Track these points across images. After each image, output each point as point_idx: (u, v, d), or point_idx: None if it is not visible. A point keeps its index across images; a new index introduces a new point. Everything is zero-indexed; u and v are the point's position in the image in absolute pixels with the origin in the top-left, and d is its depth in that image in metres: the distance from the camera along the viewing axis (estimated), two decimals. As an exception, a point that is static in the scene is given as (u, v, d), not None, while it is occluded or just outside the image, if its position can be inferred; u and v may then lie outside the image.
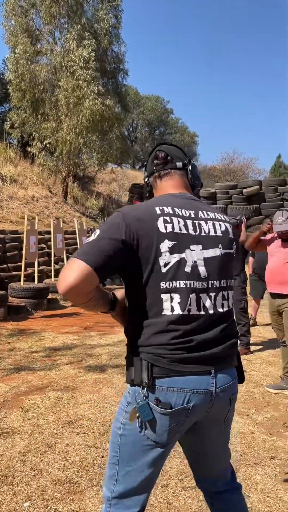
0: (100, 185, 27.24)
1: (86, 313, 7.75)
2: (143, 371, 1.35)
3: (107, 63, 19.26)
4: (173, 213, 1.43)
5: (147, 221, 1.38)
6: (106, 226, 1.38)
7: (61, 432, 3.07)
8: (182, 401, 1.36)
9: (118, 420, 1.45)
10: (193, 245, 1.42)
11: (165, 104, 37.05)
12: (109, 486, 1.47)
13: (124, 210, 1.43)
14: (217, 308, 1.44)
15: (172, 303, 1.37)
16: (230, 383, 1.46)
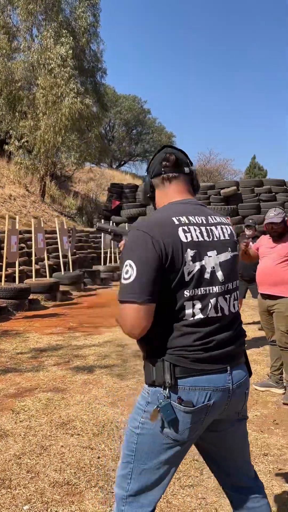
0: (78, 184, 27.05)
1: (69, 313, 7.72)
2: (166, 372, 1.39)
3: (85, 62, 19.17)
4: (188, 222, 1.46)
5: (170, 233, 1.41)
6: (137, 254, 1.38)
7: (55, 433, 3.05)
8: (204, 399, 1.41)
9: (136, 420, 1.47)
10: (210, 251, 1.47)
11: (142, 104, 37.10)
12: (122, 485, 1.49)
13: (145, 228, 1.42)
14: (230, 309, 1.50)
15: (193, 310, 1.42)
16: (244, 378, 1.53)
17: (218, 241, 1.50)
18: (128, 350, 5.23)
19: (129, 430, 1.50)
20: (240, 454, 1.63)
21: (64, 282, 9.86)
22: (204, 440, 1.57)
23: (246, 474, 1.65)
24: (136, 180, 30.37)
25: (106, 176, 28.46)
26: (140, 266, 1.37)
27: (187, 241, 1.42)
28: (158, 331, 1.42)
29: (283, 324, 3.81)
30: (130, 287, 1.36)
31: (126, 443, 1.50)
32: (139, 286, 1.35)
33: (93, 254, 14.21)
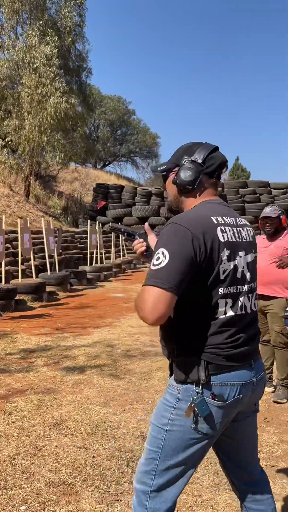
0: (62, 184, 26.92)
1: (56, 314, 7.68)
2: (201, 370, 1.44)
3: (70, 61, 19.11)
4: (224, 222, 1.50)
5: (210, 232, 1.43)
6: (174, 245, 1.38)
7: (48, 434, 3.04)
8: (234, 393, 1.47)
9: (165, 417, 1.50)
10: (240, 251, 1.52)
11: (127, 105, 37.12)
12: (145, 480, 1.52)
13: (184, 223, 1.42)
14: (252, 308, 1.57)
15: (225, 307, 1.47)
16: (263, 372, 1.61)
17: (246, 242, 1.56)
18: (118, 350, 5.23)
19: (155, 427, 1.53)
20: (252, 445, 1.69)
21: (51, 282, 9.79)
22: (221, 433, 1.61)
23: (255, 467, 1.70)
24: (121, 181, 30.36)
25: (90, 176, 28.41)
26: (173, 256, 1.36)
27: (224, 241, 1.46)
28: (192, 329, 1.46)
29: (278, 325, 3.86)
30: (158, 273, 1.36)
31: (151, 439, 1.53)
32: (167, 273, 1.35)
33: (79, 255, 14.15)
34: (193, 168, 1.54)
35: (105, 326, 6.68)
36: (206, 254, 1.40)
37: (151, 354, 5.12)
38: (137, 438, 3.02)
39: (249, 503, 1.69)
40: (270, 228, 3.88)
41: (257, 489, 1.68)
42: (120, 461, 2.72)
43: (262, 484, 1.70)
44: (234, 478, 1.71)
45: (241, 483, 1.69)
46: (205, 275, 1.42)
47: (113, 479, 2.53)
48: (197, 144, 1.61)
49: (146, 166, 38.70)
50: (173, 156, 1.64)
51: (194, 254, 1.38)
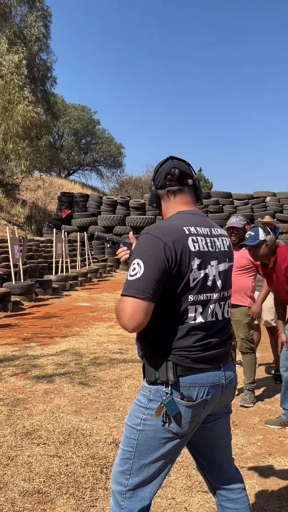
0: (25, 193, 26.52)
1: (22, 324, 7.56)
2: (169, 371, 1.50)
3: (36, 70, 19.03)
4: (196, 233, 1.57)
5: (181, 241, 1.51)
6: (147, 254, 1.47)
7: (20, 444, 3.02)
8: (202, 394, 1.54)
9: (137, 417, 1.55)
10: (212, 261, 1.59)
11: (91, 115, 37.16)
12: (121, 480, 1.56)
13: (157, 234, 1.51)
14: (224, 315, 1.65)
15: (195, 313, 1.54)
16: (234, 374, 1.68)
17: (219, 252, 1.63)
18: (87, 359, 5.23)
19: (128, 427, 1.58)
20: (226, 445, 1.76)
21: (15, 292, 9.64)
22: (195, 434, 1.67)
23: (230, 466, 1.78)
24: (86, 190, 30.28)
25: (55, 185, 28.13)
26: (148, 266, 1.46)
27: (195, 250, 1.53)
28: (162, 332, 1.53)
29: (242, 332, 3.99)
30: (135, 283, 1.45)
31: (125, 440, 1.58)
32: (143, 283, 1.44)
33: (44, 264, 13.99)
34: (151, 189, 1.73)
35: (72, 335, 6.65)
36: (176, 262, 1.48)
37: (120, 361, 5.15)
38: (110, 445, 3.04)
39: (224, 502, 1.76)
40: (235, 238, 4.02)
41: (232, 487, 1.75)
42: (94, 468, 2.74)
43: (237, 482, 1.77)
44: (210, 478, 1.78)
45: (217, 482, 1.76)
46: (175, 282, 1.50)
47: (88, 486, 2.54)
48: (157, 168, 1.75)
49: (110, 175, 38.82)
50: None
51: (167, 262, 1.47)
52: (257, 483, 2.68)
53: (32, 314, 8.63)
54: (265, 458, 3.00)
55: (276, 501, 2.50)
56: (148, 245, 1.49)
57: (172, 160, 1.70)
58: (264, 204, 21.27)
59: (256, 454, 3.05)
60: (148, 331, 1.54)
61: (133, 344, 6.12)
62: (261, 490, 2.61)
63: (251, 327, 4.04)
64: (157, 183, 1.70)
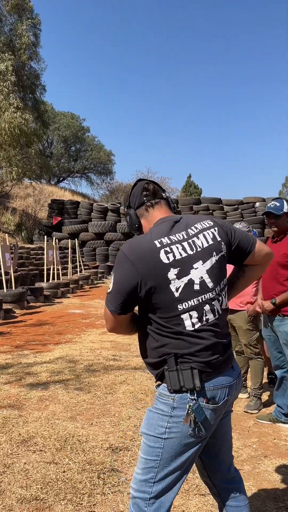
0: (15, 200, 26.44)
1: (14, 332, 7.53)
2: (195, 378, 1.53)
3: (25, 78, 19.07)
4: (170, 242, 1.59)
5: (150, 257, 1.55)
6: (117, 272, 1.59)
7: (16, 451, 3.00)
8: (224, 395, 1.61)
9: (161, 426, 1.56)
10: (195, 263, 1.60)
11: (81, 122, 37.25)
12: (144, 489, 1.58)
13: (126, 251, 1.58)
14: (222, 307, 1.66)
15: (192, 320, 1.57)
16: (240, 371, 1.73)
17: (202, 250, 1.62)
18: (81, 365, 5.22)
19: (150, 437, 1.58)
20: (230, 443, 1.81)
21: (7, 300, 9.60)
22: None
23: (232, 464, 1.82)
24: (76, 197, 30.29)
25: (45, 192, 28.08)
26: (116, 284, 1.59)
27: (169, 262, 1.55)
28: (171, 341, 1.56)
29: (244, 338, 4.02)
30: (108, 297, 1.63)
31: (148, 449, 1.59)
32: (113, 299, 1.61)
33: (35, 271, 13.94)
34: (129, 212, 1.78)
35: (65, 343, 6.63)
36: (147, 279, 1.53)
37: (114, 368, 5.16)
38: (106, 451, 3.05)
39: (228, 501, 1.79)
40: None
41: (234, 486, 1.79)
42: (91, 473, 2.74)
43: (238, 481, 1.82)
44: (213, 477, 1.80)
45: (221, 481, 1.79)
46: (155, 297, 1.55)
47: (85, 492, 2.54)
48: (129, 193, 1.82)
49: (100, 182, 38.89)
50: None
51: (134, 282, 1.54)
52: (254, 485, 2.70)
53: (24, 321, 8.59)
54: (260, 460, 3.02)
55: (272, 503, 2.52)
56: (118, 263, 1.61)
57: (142, 181, 1.79)
58: (253, 210, 21.43)
59: (252, 457, 3.07)
60: (159, 340, 1.58)
61: (126, 350, 6.13)
62: (258, 492, 2.63)
63: (252, 331, 4.03)
64: (134, 204, 1.76)
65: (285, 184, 40.59)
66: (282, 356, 3.51)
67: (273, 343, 3.55)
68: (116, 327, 1.68)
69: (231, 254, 1.73)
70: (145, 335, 1.65)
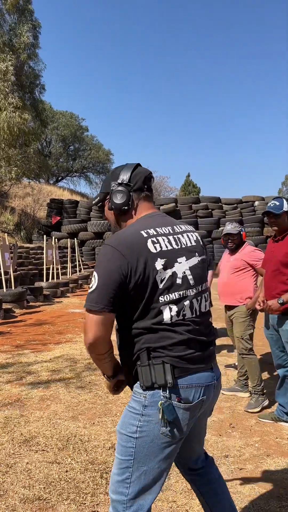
0: (14, 200, 26.39)
1: (14, 331, 7.52)
2: (167, 374, 1.48)
3: (24, 77, 19.03)
4: (157, 233, 1.57)
5: (138, 246, 1.51)
6: (102, 266, 1.49)
7: (18, 451, 3.00)
8: (199, 395, 1.54)
9: (133, 425, 1.52)
10: (179, 257, 1.58)
11: (80, 121, 37.19)
12: (121, 490, 1.54)
13: (113, 243, 1.52)
14: (201, 310, 1.62)
15: (171, 313, 1.52)
16: (220, 374, 1.70)
17: (186, 247, 1.62)
18: (81, 364, 5.21)
19: (123, 436, 1.54)
20: (196, 439, 1.76)
21: (7, 299, 9.58)
22: None
23: (201, 457, 1.83)
24: (75, 196, 30.24)
25: (43, 192, 28.04)
26: (103, 278, 1.48)
27: (157, 251, 1.53)
28: (144, 336, 1.52)
29: (238, 330, 4.01)
30: (91, 296, 1.49)
31: (121, 449, 1.55)
32: (100, 295, 1.47)
33: (35, 271, 13.92)
34: (122, 190, 1.65)
35: (66, 342, 6.62)
36: (136, 269, 1.48)
37: (115, 367, 5.14)
38: (109, 450, 3.04)
39: (201, 487, 1.81)
40: (232, 244, 4.10)
41: (207, 470, 1.81)
42: (94, 473, 2.73)
43: (209, 465, 1.83)
44: (188, 468, 1.82)
45: (188, 472, 1.82)
46: (141, 287, 1.49)
47: (88, 491, 2.54)
48: (119, 167, 1.73)
49: (99, 181, 38.82)
50: (102, 186, 1.75)
51: (123, 271, 1.47)
52: (257, 484, 2.69)
53: (24, 321, 8.58)
54: (263, 459, 3.02)
55: (276, 501, 2.52)
56: (105, 256, 1.51)
57: (141, 166, 1.72)
58: (253, 208, 21.43)
59: (254, 456, 3.07)
60: (134, 336, 1.54)
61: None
62: (261, 491, 2.62)
63: (248, 326, 4.03)
64: (134, 185, 1.66)
65: (284, 183, 40.61)
66: (284, 355, 3.51)
67: (275, 342, 3.54)
68: (103, 333, 1.48)
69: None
70: (122, 336, 1.60)
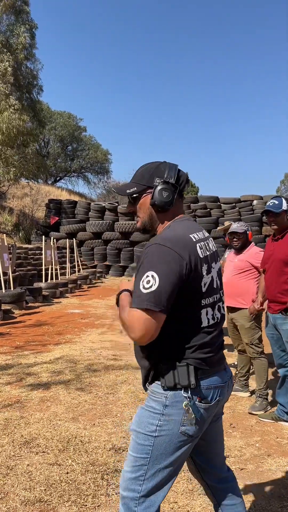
0: (12, 200, 26.36)
1: (13, 332, 7.50)
2: (191, 375, 1.52)
3: (22, 78, 19.01)
4: (199, 239, 1.60)
5: (192, 250, 1.53)
6: (161, 267, 1.45)
7: (19, 453, 2.99)
8: (216, 395, 1.60)
9: (152, 424, 1.55)
10: (212, 263, 1.64)
11: (78, 121, 37.15)
12: (133, 487, 1.56)
13: (169, 244, 1.49)
14: (222, 312, 1.70)
15: (208, 316, 1.58)
16: (231, 373, 1.74)
17: (213, 253, 1.67)
18: (81, 365, 5.21)
19: (140, 435, 1.57)
20: (221, 445, 1.82)
21: (6, 300, 9.56)
22: None
23: (224, 464, 1.83)
24: (73, 196, 30.20)
25: (42, 192, 28.01)
26: (163, 279, 1.44)
27: (203, 257, 1.57)
28: (180, 338, 1.55)
29: (246, 337, 3.99)
30: (150, 296, 1.43)
31: (137, 447, 1.57)
32: (159, 296, 1.44)
33: (33, 271, 13.90)
34: (169, 189, 1.60)
35: (65, 343, 6.61)
36: (191, 271, 1.50)
37: (115, 367, 5.14)
38: (109, 451, 3.04)
39: (223, 500, 1.80)
40: (237, 243, 4.07)
41: (227, 485, 1.80)
42: (95, 474, 2.73)
43: (230, 480, 1.83)
44: (207, 478, 1.80)
45: (215, 481, 1.79)
46: (192, 290, 1.53)
47: (89, 493, 2.53)
48: (162, 164, 1.67)
49: (97, 181, 38.82)
50: (140, 177, 1.67)
51: (182, 274, 1.48)
52: (258, 484, 2.69)
53: (23, 322, 8.57)
54: (264, 459, 3.02)
55: (277, 502, 2.52)
56: (161, 257, 1.47)
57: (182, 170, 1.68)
58: (251, 208, 21.42)
59: (255, 456, 3.07)
60: (164, 337, 1.54)
61: (127, 350, 6.11)
62: (262, 491, 2.62)
63: (255, 330, 4.01)
64: (179, 186, 1.63)
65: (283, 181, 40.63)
66: (285, 354, 3.51)
67: (276, 341, 3.54)
68: (153, 333, 1.44)
69: None
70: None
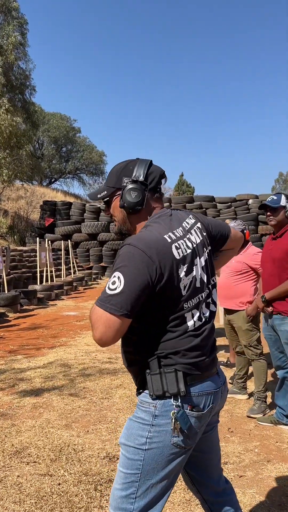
0: (7, 202, 26.23)
1: (7, 336, 7.38)
2: (180, 382, 1.41)
3: (14, 78, 18.87)
4: (176, 238, 1.47)
5: (166, 254, 1.41)
6: (129, 269, 1.36)
7: (9, 463, 2.88)
8: (209, 402, 1.48)
9: (142, 436, 1.43)
10: (195, 259, 1.50)
11: (72, 123, 37.03)
12: (125, 506, 1.44)
13: (140, 245, 1.39)
14: (211, 309, 1.56)
15: (193, 319, 1.47)
16: (225, 378, 1.63)
17: (197, 246, 1.52)
18: (75, 370, 5.10)
19: (130, 448, 1.44)
20: (217, 456, 1.70)
21: (0, 303, 9.44)
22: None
23: (221, 477, 1.72)
24: (68, 197, 30.10)
25: (36, 194, 27.88)
26: (129, 282, 1.35)
27: (180, 257, 1.44)
28: (166, 343, 1.44)
29: (244, 338, 3.90)
30: (113, 299, 1.35)
31: (127, 462, 1.45)
32: (122, 299, 1.35)
33: (28, 274, 13.76)
34: (138, 188, 1.51)
35: (60, 346, 6.50)
36: (163, 275, 1.38)
37: (110, 371, 5.03)
38: (103, 460, 2.93)
39: None
40: None
41: (225, 498, 1.70)
42: (88, 485, 2.62)
43: (229, 493, 1.72)
44: (203, 492, 1.70)
45: (211, 495, 1.69)
46: (167, 295, 1.41)
47: (82, 505, 2.42)
48: (131, 162, 1.58)
49: (93, 183, 38.75)
50: (109, 180, 1.60)
51: (151, 278, 1.37)
52: (257, 492, 2.59)
53: (18, 325, 8.44)
54: (263, 465, 2.91)
55: (277, 510, 2.42)
56: (130, 258, 1.37)
57: (156, 165, 1.59)
58: (247, 207, 21.38)
59: (254, 462, 2.97)
60: (148, 343, 1.45)
61: (122, 353, 6.00)
62: (262, 499, 2.52)
63: (253, 331, 3.91)
64: (149, 184, 1.53)
65: (277, 180, 40.67)
66: (283, 356, 3.41)
67: (274, 342, 3.45)
68: (114, 337, 1.37)
69: (213, 245, 1.65)
70: (135, 343, 1.49)
